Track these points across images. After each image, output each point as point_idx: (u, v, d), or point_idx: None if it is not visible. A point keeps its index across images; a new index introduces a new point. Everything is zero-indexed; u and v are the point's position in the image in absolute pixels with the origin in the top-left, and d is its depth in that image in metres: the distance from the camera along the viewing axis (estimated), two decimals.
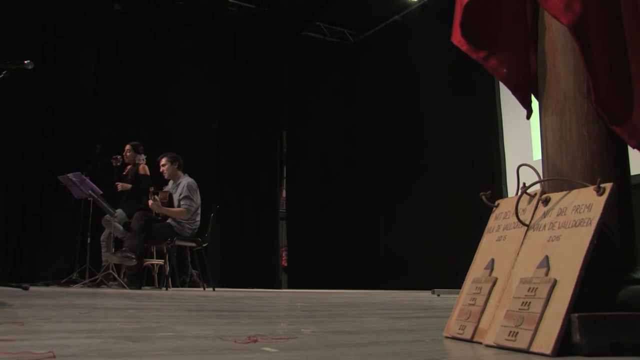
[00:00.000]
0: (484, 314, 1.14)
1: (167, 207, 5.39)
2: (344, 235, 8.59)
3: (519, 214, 1.18)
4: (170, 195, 5.51)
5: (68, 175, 5.53)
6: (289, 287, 8.60)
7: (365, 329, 1.44)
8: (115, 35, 7.34)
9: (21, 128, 6.56)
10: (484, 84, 6.36)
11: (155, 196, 5.30)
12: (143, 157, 6.07)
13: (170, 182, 5.68)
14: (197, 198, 5.53)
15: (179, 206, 5.43)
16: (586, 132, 1.15)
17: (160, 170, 5.63)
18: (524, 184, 1.21)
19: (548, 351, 0.92)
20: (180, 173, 5.62)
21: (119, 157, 6.04)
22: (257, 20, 8.27)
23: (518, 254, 1.15)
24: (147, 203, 5.37)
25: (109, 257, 5.30)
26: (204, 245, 5.68)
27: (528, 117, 1.39)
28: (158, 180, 5.81)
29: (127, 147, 6.11)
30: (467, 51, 1.35)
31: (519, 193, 1.21)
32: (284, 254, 10.18)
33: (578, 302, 0.95)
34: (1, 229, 6.46)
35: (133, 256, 5.05)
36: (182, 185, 5.51)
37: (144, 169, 5.97)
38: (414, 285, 6.96)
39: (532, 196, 1.20)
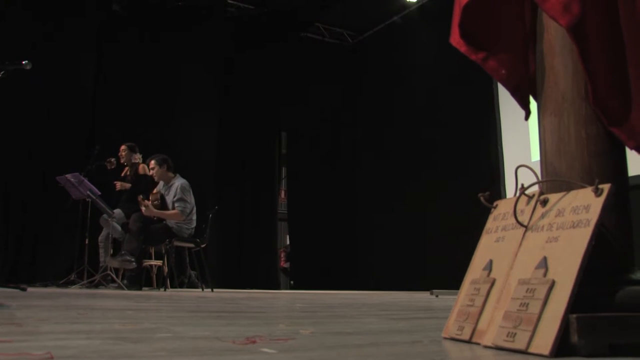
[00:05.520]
0: (483, 315, 1.14)
1: (160, 210, 5.38)
2: (343, 236, 8.60)
3: (518, 215, 1.18)
4: (162, 196, 5.51)
5: (66, 176, 5.53)
6: (293, 289, 8.59)
7: (364, 330, 1.44)
8: (114, 36, 7.34)
9: (20, 129, 6.56)
10: (483, 85, 6.37)
11: (146, 201, 5.29)
12: (139, 156, 6.06)
13: (161, 183, 5.68)
14: (191, 199, 5.53)
15: (172, 208, 5.43)
16: (584, 134, 1.15)
17: (150, 173, 5.63)
18: (523, 185, 1.21)
19: (546, 352, 0.93)
20: (170, 174, 5.60)
21: (113, 159, 6.02)
22: (256, 21, 8.28)
23: (516, 255, 1.15)
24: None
25: (108, 262, 5.30)
26: (203, 246, 5.68)
27: (526, 118, 1.39)
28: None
29: (123, 147, 6.10)
30: (465, 52, 1.35)
31: (518, 194, 1.21)
32: (282, 255, 10.18)
33: (576, 303, 0.95)
34: None
35: (132, 259, 5.06)
36: (175, 187, 5.50)
37: (143, 168, 5.97)
38: (412, 286, 6.96)
39: (530, 197, 1.20)
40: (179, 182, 5.55)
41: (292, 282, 8.98)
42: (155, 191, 5.58)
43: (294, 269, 8.98)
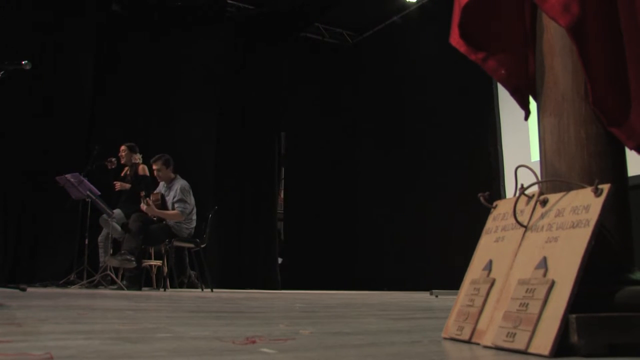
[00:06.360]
0: (482, 315, 1.14)
1: (161, 210, 5.39)
2: (343, 236, 8.59)
3: (517, 215, 1.18)
4: (163, 197, 5.51)
5: (66, 176, 5.53)
6: (286, 288, 8.59)
7: (364, 330, 1.44)
8: (114, 36, 7.34)
9: (19, 128, 6.55)
10: (483, 85, 6.37)
11: (148, 199, 5.30)
12: (139, 156, 6.07)
13: (162, 184, 5.68)
14: (191, 199, 5.54)
15: (173, 209, 5.44)
16: (584, 134, 1.15)
17: (155, 174, 5.63)
18: (522, 185, 1.21)
19: (546, 352, 0.93)
20: (172, 174, 5.63)
21: (113, 159, 6.02)
22: (256, 21, 8.28)
23: (516, 255, 1.15)
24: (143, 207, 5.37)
25: (108, 261, 5.31)
26: (202, 246, 5.68)
27: (526, 118, 1.39)
28: (156, 181, 5.81)
29: (123, 147, 6.11)
30: (465, 52, 1.35)
31: (517, 194, 1.21)
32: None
33: (576, 303, 0.95)
34: None
35: (132, 259, 5.06)
36: (175, 188, 5.52)
37: (143, 169, 5.97)
38: (412, 286, 6.96)
39: (530, 197, 1.20)
40: (179, 183, 5.56)
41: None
42: (156, 191, 5.59)
43: (291, 269, 8.96)
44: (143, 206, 5.32)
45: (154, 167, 5.59)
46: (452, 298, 1.39)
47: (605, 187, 1.03)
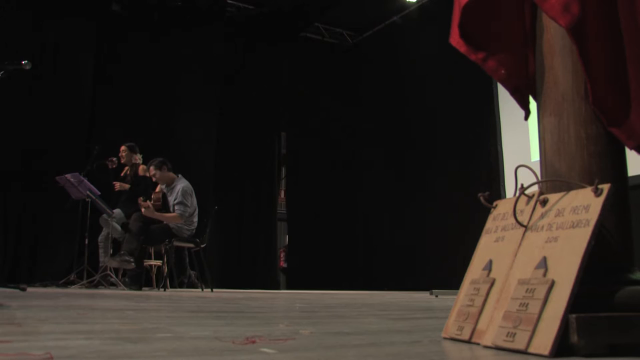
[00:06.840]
0: (482, 315, 1.14)
1: (160, 213, 5.37)
2: (343, 235, 8.60)
3: (517, 215, 1.18)
4: (164, 196, 5.49)
5: (66, 176, 5.53)
6: (288, 288, 8.60)
7: (364, 330, 1.44)
8: (114, 36, 7.34)
9: (20, 128, 6.55)
10: (483, 85, 6.37)
11: (148, 201, 5.28)
12: (139, 156, 6.06)
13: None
14: (193, 202, 5.50)
15: (173, 210, 5.41)
16: (584, 134, 1.15)
17: (153, 180, 5.61)
18: (522, 185, 1.21)
19: (546, 352, 0.93)
20: (172, 175, 5.57)
21: (114, 159, 6.02)
22: (256, 21, 8.28)
23: (516, 255, 1.15)
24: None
25: (107, 262, 5.30)
26: (202, 246, 5.67)
27: (526, 118, 1.39)
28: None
29: (123, 148, 6.10)
30: (465, 52, 1.35)
31: (517, 194, 1.21)
32: (282, 255, 10.18)
33: (576, 303, 0.95)
34: None
35: (131, 260, 5.05)
36: (176, 190, 5.47)
37: (143, 169, 5.96)
38: (412, 286, 6.96)
39: (530, 197, 1.20)
40: (181, 184, 5.51)
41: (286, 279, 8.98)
42: (157, 190, 5.57)
43: (292, 269, 8.97)
44: (142, 210, 5.30)
45: (151, 173, 5.55)
46: (452, 298, 1.39)
47: (605, 187, 1.03)
